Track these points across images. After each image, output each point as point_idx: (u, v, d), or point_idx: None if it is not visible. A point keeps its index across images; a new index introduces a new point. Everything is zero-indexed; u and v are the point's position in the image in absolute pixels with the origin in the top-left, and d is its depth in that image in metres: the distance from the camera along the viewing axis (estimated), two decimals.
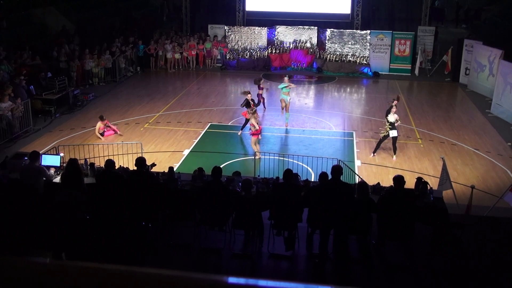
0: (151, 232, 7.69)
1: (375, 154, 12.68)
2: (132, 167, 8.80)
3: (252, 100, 14.13)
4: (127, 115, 15.84)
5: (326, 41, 22.72)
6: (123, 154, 11.75)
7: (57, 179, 8.42)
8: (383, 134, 12.48)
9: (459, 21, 31.24)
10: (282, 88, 15.14)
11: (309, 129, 14.91)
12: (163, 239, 7.48)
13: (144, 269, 1.34)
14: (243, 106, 14.10)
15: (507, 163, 12.39)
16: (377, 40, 22.19)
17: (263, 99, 16.17)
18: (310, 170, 11.45)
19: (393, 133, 12.24)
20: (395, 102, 12.62)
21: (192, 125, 15.02)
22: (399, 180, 6.88)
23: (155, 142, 13.56)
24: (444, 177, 9.51)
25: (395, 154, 12.50)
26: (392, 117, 12.25)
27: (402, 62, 22.24)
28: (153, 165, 8.87)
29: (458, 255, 7.04)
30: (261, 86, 15.90)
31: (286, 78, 15.33)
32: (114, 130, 14.01)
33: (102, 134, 13.68)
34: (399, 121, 12.49)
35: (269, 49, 22.96)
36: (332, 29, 22.71)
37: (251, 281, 1.33)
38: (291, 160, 11.99)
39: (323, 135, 14.47)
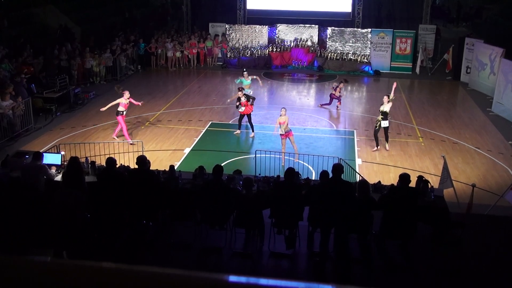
0: (151, 231, 7.69)
1: (378, 147, 12.92)
2: (133, 165, 8.81)
3: (245, 95, 13.96)
4: (128, 114, 15.76)
5: (327, 40, 22.69)
6: (124, 152, 11.76)
7: (58, 178, 8.43)
8: (377, 127, 12.79)
9: (460, 19, 31.22)
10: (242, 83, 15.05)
11: (310, 128, 14.91)
12: (163, 238, 7.48)
13: (145, 268, 1.34)
14: (237, 104, 13.93)
15: (508, 162, 12.38)
16: (378, 39, 22.17)
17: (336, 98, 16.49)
18: (311, 168, 11.45)
19: (384, 124, 12.66)
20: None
21: (193, 124, 15.02)
22: (405, 178, 6.80)
23: (156, 140, 13.56)
24: (445, 176, 9.50)
25: (387, 143, 12.93)
26: (387, 107, 12.61)
27: (403, 60, 22.21)
28: None
29: (458, 254, 7.03)
30: (338, 88, 16.35)
31: (245, 73, 15.39)
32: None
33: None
34: (391, 100, 12.81)
35: (270, 47, 22.94)
36: (333, 28, 22.70)
37: (252, 280, 1.33)
38: (292, 159, 11.99)
39: (324, 133, 14.46)
